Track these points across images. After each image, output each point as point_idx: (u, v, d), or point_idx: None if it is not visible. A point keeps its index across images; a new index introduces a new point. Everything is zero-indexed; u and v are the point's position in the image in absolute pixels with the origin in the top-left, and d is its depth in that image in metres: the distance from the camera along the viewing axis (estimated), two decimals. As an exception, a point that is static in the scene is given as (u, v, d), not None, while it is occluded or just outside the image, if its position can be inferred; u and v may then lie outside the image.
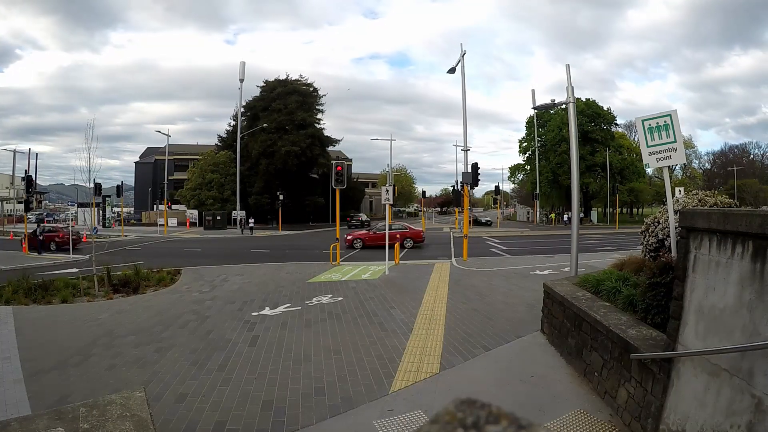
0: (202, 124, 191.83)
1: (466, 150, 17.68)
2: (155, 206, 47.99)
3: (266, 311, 8.84)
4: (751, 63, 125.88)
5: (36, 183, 28.56)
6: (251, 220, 35.48)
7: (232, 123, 49.33)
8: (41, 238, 21.10)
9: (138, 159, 66.45)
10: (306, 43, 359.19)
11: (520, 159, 58.59)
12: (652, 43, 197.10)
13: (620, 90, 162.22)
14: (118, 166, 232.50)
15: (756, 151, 65.33)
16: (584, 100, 48.52)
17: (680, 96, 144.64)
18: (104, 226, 30.70)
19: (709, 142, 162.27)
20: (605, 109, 51.07)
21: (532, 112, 51.25)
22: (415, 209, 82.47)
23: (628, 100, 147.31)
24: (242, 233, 34.58)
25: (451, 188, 57.79)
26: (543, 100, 35.81)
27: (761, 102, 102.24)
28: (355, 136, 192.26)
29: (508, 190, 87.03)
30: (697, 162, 66.62)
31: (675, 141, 5.07)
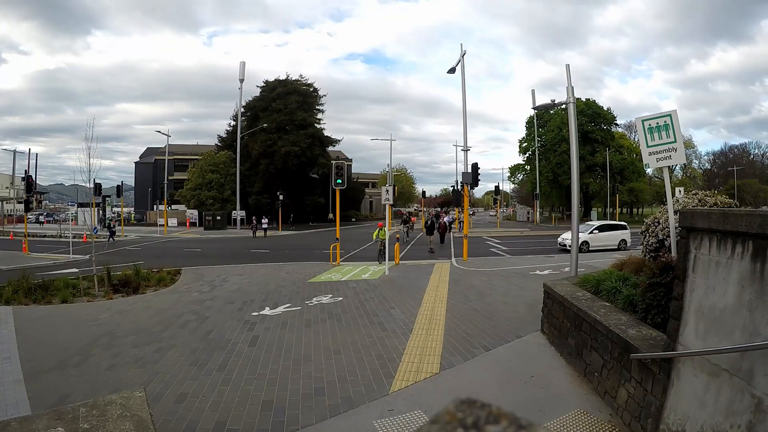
0: (189, 124, 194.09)
1: (466, 150, 17.68)
2: (155, 206, 48.00)
3: (266, 311, 8.84)
4: (739, 59, 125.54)
5: (36, 183, 28.54)
6: (264, 220, 31.53)
7: (232, 123, 49.32)
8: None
9: (138, 159, 66.42)
10: (280, 45, 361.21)
11: (519, 159, 58.82)
12: (636, 40, 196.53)
13: (606, 88, 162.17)
14: (113, 167, 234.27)
15: (756, 151, 65.52)
16: (584, 100, 48.59)
17: (668, 94, 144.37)
18: (103, 226, 30.39)
19: (701, 140, 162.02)
20: (605, 109, 51.12)
21: (532, 112, 51.34)
22: (416, 209, 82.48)
23: (614, 97, 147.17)
24: (254, 236, 30.30)
25: (451, 188, 57.72)
26: (527, 98, 35.89)
27: (753, 100, 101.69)
28: (344, 135, 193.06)
29: (508, 190, 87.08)
30: (697, 162, 66.71)
31: (675, 141, 5.08)
